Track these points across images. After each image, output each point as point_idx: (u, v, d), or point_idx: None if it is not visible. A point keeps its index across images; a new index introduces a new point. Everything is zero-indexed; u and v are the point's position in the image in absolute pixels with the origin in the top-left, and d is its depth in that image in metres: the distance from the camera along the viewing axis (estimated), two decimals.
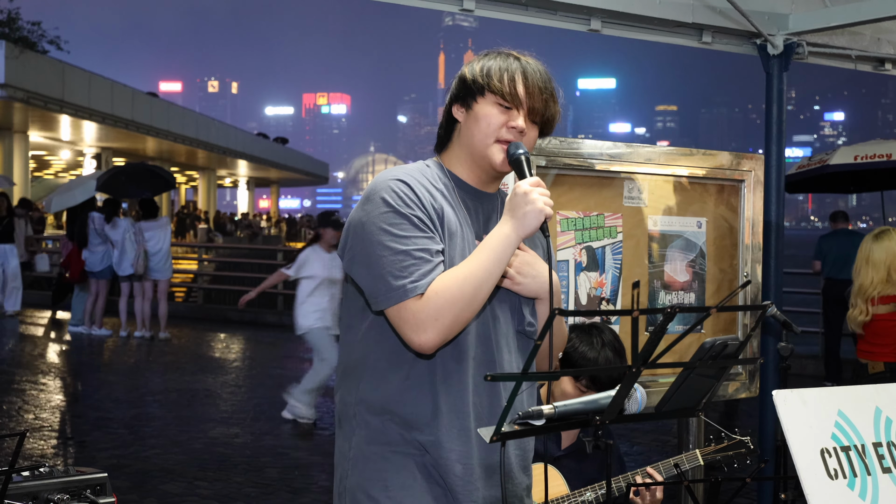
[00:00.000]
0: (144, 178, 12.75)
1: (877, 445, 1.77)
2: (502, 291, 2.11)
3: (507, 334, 2.13)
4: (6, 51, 20.47)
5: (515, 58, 2.16)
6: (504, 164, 2.11)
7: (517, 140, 2.11)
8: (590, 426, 1.95)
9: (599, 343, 2.92)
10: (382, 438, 2.06)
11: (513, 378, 1.94)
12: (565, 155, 3.51)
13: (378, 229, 2.01)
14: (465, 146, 2.15)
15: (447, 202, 2.11)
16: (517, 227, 2.01)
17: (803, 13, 4.54)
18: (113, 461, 6.31)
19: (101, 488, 2.19)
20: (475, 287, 1.97)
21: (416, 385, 2.04)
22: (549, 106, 2.14)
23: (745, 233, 4.06)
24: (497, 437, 1.73)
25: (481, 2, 4.13)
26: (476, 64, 2.17)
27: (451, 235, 2.07)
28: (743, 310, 4.01)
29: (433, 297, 1.95)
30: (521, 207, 2.01)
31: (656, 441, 7.42)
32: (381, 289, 1.98)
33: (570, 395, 2.92)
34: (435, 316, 1.95)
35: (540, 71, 2.16)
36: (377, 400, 2.07)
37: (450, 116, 2.20)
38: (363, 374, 2.10)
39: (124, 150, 31.93)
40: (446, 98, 2.23)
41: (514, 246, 2.02)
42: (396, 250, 1.98)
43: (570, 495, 2.92)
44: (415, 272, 1.96)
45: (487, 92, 2.11)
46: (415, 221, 2.01)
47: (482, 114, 2.11)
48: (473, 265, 1.99)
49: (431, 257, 1.99)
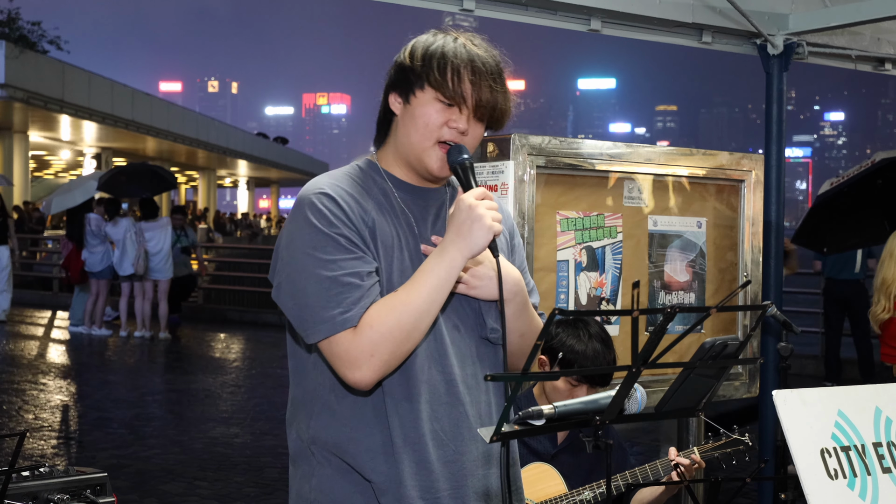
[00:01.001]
0: (146, 178, 12.75)
1: (877, 445, 1.77)
2: (459, 298, 1.91)
3: (470, 344, 1.92)
4: (6, 51, 20.48)
5: (462, 43, 1.89)
6: (442, 169, 1.88)
7: (458, 141, 1.87)
8: (590, 426, 1.95)
9: (586, 335, 2.93)
10: (342, 479, 1.87)
11: (513, 378, 1.94)
12: (565, 155, 3.51)
13: (301, 254, 1.80)
14: (401, 145, 1.92)
15: (383, 211, 1.89)
16: (462, 247, 1.79)
17: (803, 13, 4.54)
18: (113, 461, 6.31)
19: (101, 488, 2.19)
20: (415, 318, 1.77)
21: (366, 420, 1.85)
22: (499, 101, 1.89)
23: (745, 233, 4.06)
24: (497, 437, 1.73)
25: (481, 2, 4.13)
26: (418, 48, 1.90)
27: (386, 250, 1.85)
28: (743, 310, 4.01)
29: (367, 330, 1.75)
30: (467, 224, 1.78)
31: (656, 441, 7.42)
32: (308, 321, 1.78)
33: (562, 389, 2.92)
34: (370, 352, 1.75)
35: (490, 61, 1.89)
36: (330, 438, 1.87)
37: (387, 106, 1.94)
38: (313, 409, 1.90)
39: (124, 150, 31.94)
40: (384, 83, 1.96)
41: (458, 268, 1.80)
42: (322, 277, 1.77)
43: (569, 494, 2.92)
44: (344, 301, 1.76)
45: (427, 85, 1.86)
46: (341, 242, 1.79)
47: (420, 111, 1.86)
48: (413, 293, 1.78)
49: (362, 281, 1.78)
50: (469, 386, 1.90)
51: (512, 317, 1.92)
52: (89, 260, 12.25)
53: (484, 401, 1.93)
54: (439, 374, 1.87)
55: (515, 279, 1.92)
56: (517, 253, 2.08)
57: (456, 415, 1.88)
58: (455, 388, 1.88)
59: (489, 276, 1.89)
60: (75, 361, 10.74)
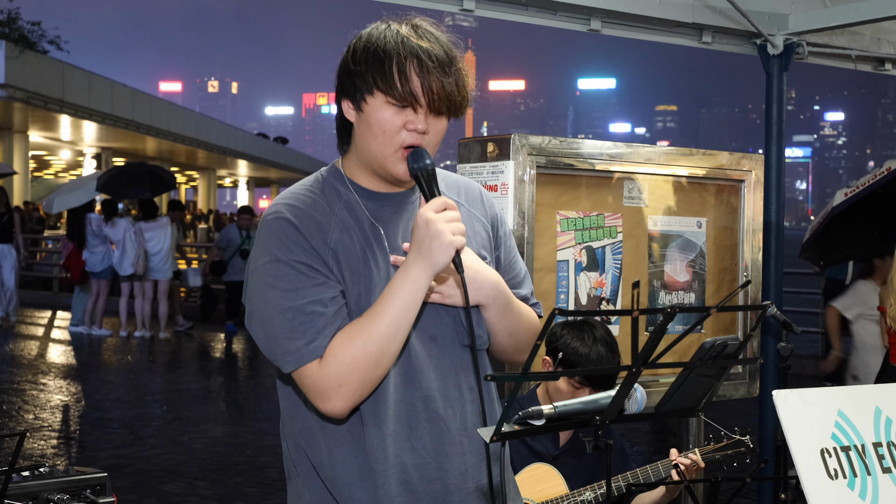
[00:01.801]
0: (145, 178, 12.75)
1: (877, 445, 1.77)
2: (435, 308, 1.83)
3: (451, 353, 1.85)
4: (6, 51, 20.49)
5: (405, 35, 1.77)
6: (406, 173, 1.79)
7: (419, 142, 1.77)
8: (590, 426, 1.95)
9: (591, 339, 2.93)
10: (329, 500, 1.83)
11: (513, 378, 1.94)
12: (565, 155, 3.51)
13: (263, 284, 1.75)
14: (363, 154, 1.83)
15: (347, 229, 1.80)
16: (423, 265, 1.71)
17: (803, 13, 4.54)
18: (113, 461, 6.31)
19: (101, 488, 2.19)
20: (381, 345, 1.70)
21: (344, 446, 1.81)
22: (452, 91, 1.77)
23: (745, 233, 4.06)
24: (497, 437, 1.73)
25: (481, 2, 4.13)
26: (359, 49, 1.79)
27: (352, 271, 1.78)
28: (743, 310, 4.01)
29: (332, 361, 1.70)
30: (426, 242, 1.70)
31: (656, 441, 7.42)
32: (277, 352, 1.75)
33: (564, 391, 2.92)
34: (338, 382, 1.70)
35: (436, 48, 1.77)
36: (314, 459, 1.84)
37: (343, 115, 1.85)
38: (294, 428, 1.89)
39: (124, 150, 31.95)
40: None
41: (423, 288, 1.72)
42: (284, 308, 1.72)
43: (570, 495, 2.92)
44: (308, 331, 1.71)
45: (376, 90, 1.75)
46: (301, 269, 1.73)
47: (374, 118, 1.76)
48: (377, 320, 1.71)
49: (325, 308, 1.72)
50: (450, 399, 1.84)
51: (495, 319, 1.88)
52: (90, 260, 12.25)
53: (470, 411, 1.87)
54: (415, 391, 1.81)
55: (493, 282, 1.85)
56: (504, 244, 2.01)
57: (436, 431, 1.82)
58: (433, 405, 1.82)
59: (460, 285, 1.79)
60: (75, 361, 10.74)
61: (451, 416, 1.83)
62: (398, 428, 1.79)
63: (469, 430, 1.85)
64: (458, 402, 1.85)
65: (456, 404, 1.85)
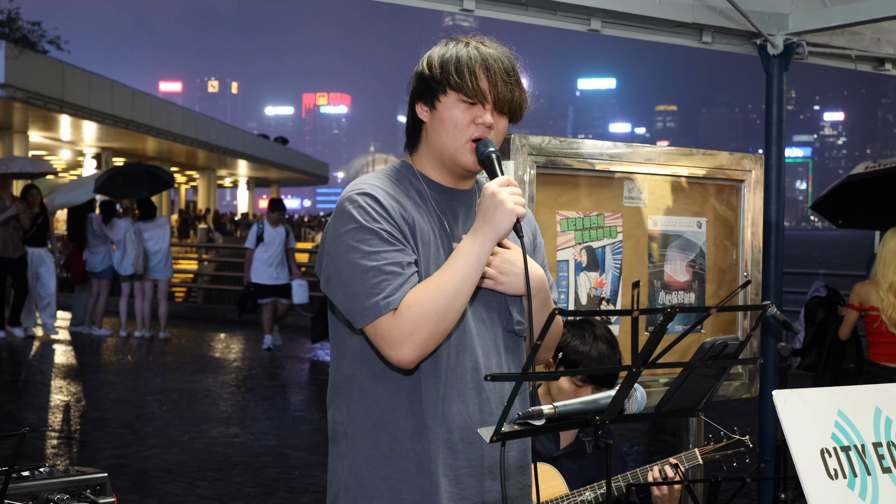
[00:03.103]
0: (143, 178, 12.75)
1: (877, 445, 1.77)
2: (487, 293, 2.05)
3: (496, 336, 2.07)
4: (6, 51, 20.48)
5: (474, 46, 2.04)
6: (475, 164, 2.03)
7: (486, 135, 2.02)
8: (590, 426, 1.95)
9: (591, 337, 2.92)
10: (369, 464, 2.01)
11: (513, 378, 1.94)
12: (565, 155, 3.51)
13: (347, 247, 1.95)
14: (434, 148, 2.07)
15: (420, 210, 2.04)
16: (489, 231, 1.93)
17: (803, 13, 4.55)
18: (113, 461, 6.31)
19: (101, 488, 2.19)
20: (449, 299, 1.90)
21: (402, 401, 2.00)
22: (515, 93, 2.05)
23: (745, 233, 4.06)
24: (497, 437, 1.73)
25: (481, 2, 4.13)
26: (434, 58, 2.05)
27: (424, 245, 2.00)
28: (743, 310, 4.01)
29: (406, 312, 1.89)
30: (491, 210, 1.93)
31: (656, 441, 7.42)
32: (355, 307, 1.93)
33: (566, 390, 2.92)
34: (409, 331, 1.88)
35: (502, 57, 2.05)
36: (367, 420, 2.02)
37: (415, 115, 2.10)
38: (352, 392, 2.06)
39: (124, 150, 31.94)
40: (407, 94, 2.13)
41: (487, 251, 1.94)
42: (366, 267, 1.92)
43: (570, 495, 2.92)
44: (387, 287, 1.90)
45: (449, 89, 2.01)
46: (383, 235, 1.94)
47: (446, 114, 2.02)
48: (446, 276, 1.92)
49: (403, 270, 1.93)
50: (494, 372, 2.04)
51: (536, 311, 2.04)
52: (91, 260, 12.25)
53: (508, 389, 2.07)
54: (466, 361, 2.01)
55: (539, 276, 2.05)
56: (539, 251, 2.23)
57: (480, 400, 2.03)
58: (479, 376, 2.02)
59: (515, 273, 2.02)
60: (75, 361, 10.74)
61: (492, 390, 2.05)
62: (449, 392, 2.00)
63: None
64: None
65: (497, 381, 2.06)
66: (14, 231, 11.15)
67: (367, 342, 2.01)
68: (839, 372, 6.21)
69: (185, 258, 21.99)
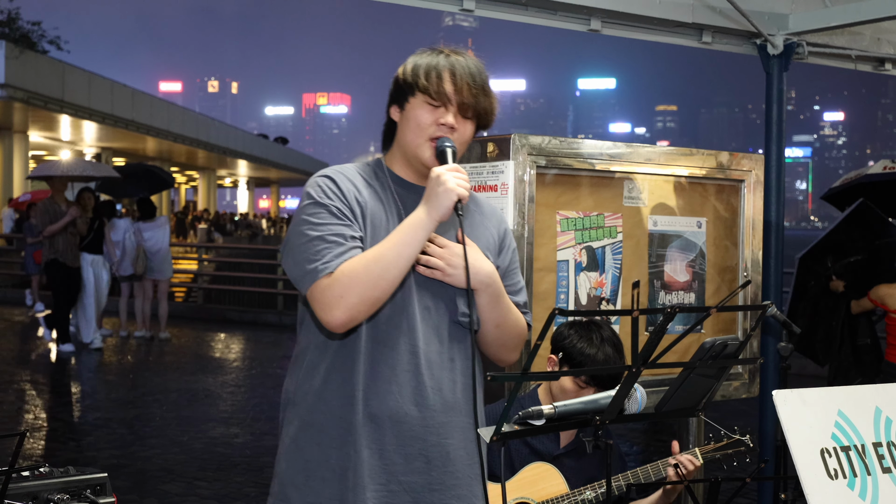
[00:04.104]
0: (142, 178, 12.76)
1: (877, 445, 1.77)
2: (435, 283, 2.14)
3: (440, 325, 2.15)
4: (6, 51, 20.49)
5: (446, 55, 2.18)
6: (433, 159, 2.14)
7: (447, 136, 2.14)
8: (590, 426, 1.95)
9: (598, 339, 2.92)
10: (310, 425, 2.14)
11: (513, 378, 1.94)
12: (565, 155, 3.51)
13: (300, 220, 2.10)
14: (401, 145, 2.20)
15: (377, 197, 2.17)
16: (430, 209, 2.04)
17: (803, 13, 4.54)
18: (113, 461, 6.31)
19: (101, 488, 2.19)
20: (382, 267, 2.01)
21: (337, 373, 2.11)
22: (479, 100, 2.16)
23: (745, 233, 4.06)
24: (497, 437, 1.73)
25: (481, 2, 4.13)
26: (407, 64, 2.21)
27: (374, 228, 2.12)
28: (743, 310, 4.01)
29: (340, 276, 2.01)
30: (434, 189, 2.04)
31: (656, 441, 7.42)
32: (299, 273, 2.06)
33: (569, 390, 2.91)
34: (340, 294, 2.00)
35: (470, 66, 2.18)
36: (308, 390, 2.15)
37: (390, 118, 2.25)
38: (302, 364, 2.19)
39: (124, 150, 31.96)
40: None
41: (426, 228, 2.04)
42: (312, 237, 2.06)
43: (570, 494, 2.92)
44: (327, 255, 2.03)
45: (417, 91, 2.14)
46: (332, 210, 2.08)
47: (412, 114, 2.15)
48: (382, 247, 2.04)
49: (345, 241, 2.05)
50: (432, 361, 2.13)
51: (486, 307, 2.16)
52: None
53: (447, 378, 2.14)
54: (405, 344, 2.11)
55: (488, 271, 2.14)
56: (506, 252, 2.30)
57: (414, 383, 2.11)
58: (417, 360, 2.11)
59: (463, 266, 2.09)
60: (75, 361, 10.74)
61: (430, 376, 2.12)
62: (383, 369, 2.10)
63: (443, 392, 2.13)
64: (438, 368, 2.13)
65: (435, 368, 2.13)
66: (72, 237, 10.48)
67: (314, 317, 2.14)
68: (857, 347, 6.25)
69: (185, 258, 22.00)
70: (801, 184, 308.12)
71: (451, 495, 2.14)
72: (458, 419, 2.14)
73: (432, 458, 2.11)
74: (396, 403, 2.09)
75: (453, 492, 2.14)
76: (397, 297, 2.10)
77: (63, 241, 10.33)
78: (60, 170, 11.06)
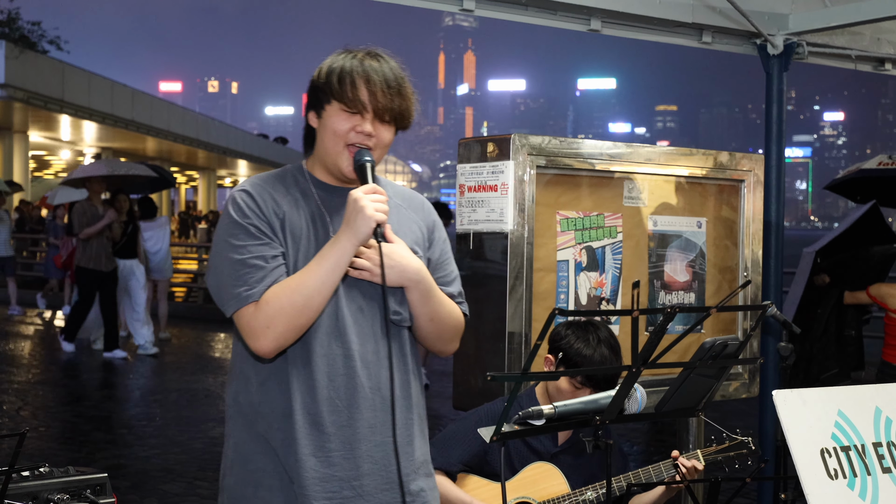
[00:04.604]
0: (143, 177, 12.73)
1: (877, 445, 1.77)
2: (366, 283, 2.15)
3: (374, 325, 2.16)
4: (6, 51, 20.48)
5: (360, 59, 2.16)
6: (351, 170, 2.14)
7: (365, 143, 2.13)
8: (590, 426, 1.95)
9: (595, 340, 2.92)
10: (251, 442, 2.14)
11: (513, 378, 1.94)
12: (565, 155, 3.51)
13: (221, 241, 2.11)
14: (319, 153, 2.20)
15: (297, 206, 2.16)
16: (350, 234, 2.05)
17: (803, 13, 4.54)
18: (113, 461, 6.32)
19: (101, 488, 2.19)
20: (306, 297, 2.03)
21: (271, 387, 2.11)
22: (395, 103, 2.15)
23: (745, 233, 4.06)
24: (497, 437, 1.73)
25: (481, 2, 4.13)
26: (323, 68, 2.20)
27: (295, 239, 2.12)
28: (743, 310, 4.01)
29: (265, 306, 2.03)
30: (353, 215, 2.05)
31: (656, 441, 7.42)
32: (222, 297, 2.08)
33: (565, 391, 2.91)
34: (266, 324, 2.02)
35: (384, 70, 2.16)
36: (244, 401, 2.16)
37: (308, 124, 2.24)
38: (236, 376, 2.19)
39: (124, 150, 31.94)
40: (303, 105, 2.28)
41: (348, 253, 2.05)
42: (234, 260, 2.07)
43: (571, 494, 2.92)
44: (249, 280, 2.04)
45: (332, 99, 2.14)
46: (251, 231, 2.08)
47: (329, 122, 2.15)
48: (306, 276, 2.05)
49: (266, 263, 2.06)
50: (368, 361, 2.13)
51: (417, 302, 2.17)
52: None
53: (384, 376, 2.14)
54: (339, 348, 2.11)
55: (415, 268, 2.15)
56: (437, 247, 2.31)
57: (352, 385, 2.11)
58: (352, 362, 2.12)
59: (389, 266, 2.10)
60: (75, 361, 10.74)
61: (367, 376, 2.13)
62: (320, 377, 2.09)
63: (382, 391, 2.14)
64: (375, 366, 2.14)
65: (372, 367, 2.14)
66: (107, 242, 10.21)
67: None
68: (842, 337, 6.27)
69: (185, 258, 21.99)
70: (801, 184, 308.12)
71: (404, 491, 2.16)
72: (399, 415, 2.15)
73: (378, 459, 2.13)
74: (336, 408, 2.10)
75: (405, 487, 2.16)
76: (328, 302, 2.11)
77: (97, 245, 10.14)
78: (100, 170, 10.81)
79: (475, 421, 2.94)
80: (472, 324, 3.51)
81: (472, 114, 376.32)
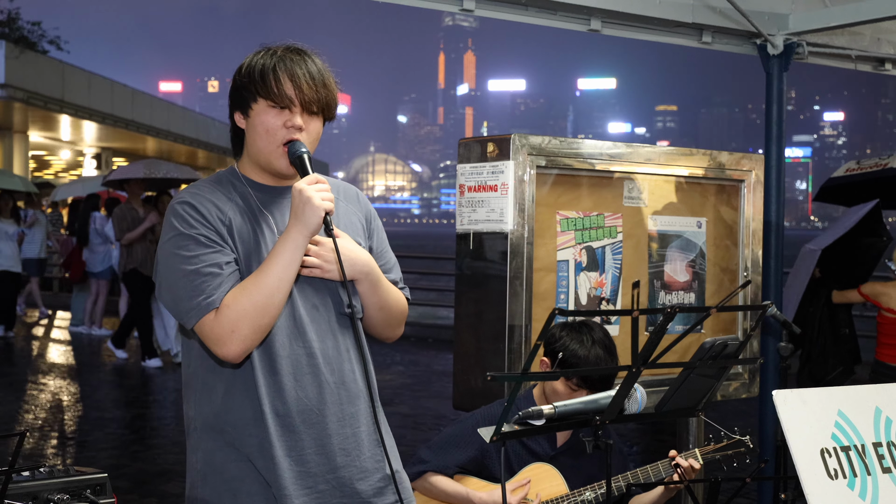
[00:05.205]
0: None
1: (877, 445, 1.77)
2: (317, 280, 2.16)
3: (330, 320, 2.17)
4: (6, 51, 20.47)
5: (280, 55, 2.15)
6: (288, 167, 2.14)
7: (297, 137, 2.13)
8: (589, 426, 1.95)
9: (589, 341, 2.92)
10: (220, 451, 2.13)
11: (513, 378, 1.94)
12: (565, 155, 3.51)
13: (169, 254, 2.08)
14: (252, 153, 2.18)
15: (240, 210, 2.15)
16: (300, 227, 2.04)
17: (803, 13, 4.55)
18: (113, 461, 6.32)
19: (101, 488, 2.19)
20: (266, 295, 2.02)
21: (238, 395, 2.11)
22: (322, 94, 2.15)
23: (745, 233, 4.06)
24: (497, 437, 1.73)
25: (481, 2, 4.13)
26: (243, 68, 2.19)
27: (244, 243, 2.11)
28: (743, 310, 4.01)
29: (226, 311, 2.01)
30: (300, 207, 2.04)
31: (656, 441, 7.42)
32: (181, 310, 2.05)
33: (561, 392, 2.92)
34: (231, 328, 2.01)
35: (306, 62, 2.16)
36: (209, 412, 2.14)
37: (235, 125, 2.22)
38: (196, 388, 2.18)
39: (124, 150, 31.94)
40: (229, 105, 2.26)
41: (301, 247, 2.05)
42: (187, 271, 2.04)
43: (570, 495, 2.92)
44: (206, 288, 2.03)
45: (258, 97, 2.13)
46: (201, 240, 2.06)
47: (258, 120, 2.13)
48: (262, 274, 2.04)
49: (221, 270, 2.05)
50: (329, 357, 2.15)
51: (367, 293, 2.21)
52: (90, 260, 12.22)
53: (348, 369, 2.18)
54: (300, 348, 2.12)
55: (364, 261, 2.18)
56: (376, 235, 2.35)
57: (318, 383, 2.13)
58: (315, 360, 2.13)
59: (335, 260, 2.12)
60: (75, 361, 10.74)
61: (330, 372, 2.15)
62: (285, 379, 2.10)
63: (347, 384, 2.16)
64: (337, 361, 2.16)
65: (334, 362, 2.16)
66: (151, 245, 9.66)
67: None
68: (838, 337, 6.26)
69: None
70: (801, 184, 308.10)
71: (377, 479, 2.19)
72: (363, 406, 2.18)
73: (350, 450, 2.15)
74: (305, 407, 2.11)
75: (377, 475, 2.19)
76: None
77: (141, 249, 9.80)
78: (138, 172, 10.54)
79: (472, 424, 2.94)
80: (472, 324, 3.52)
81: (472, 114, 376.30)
